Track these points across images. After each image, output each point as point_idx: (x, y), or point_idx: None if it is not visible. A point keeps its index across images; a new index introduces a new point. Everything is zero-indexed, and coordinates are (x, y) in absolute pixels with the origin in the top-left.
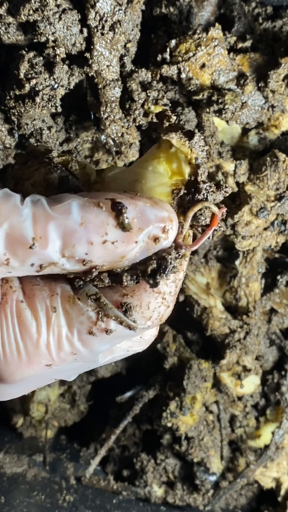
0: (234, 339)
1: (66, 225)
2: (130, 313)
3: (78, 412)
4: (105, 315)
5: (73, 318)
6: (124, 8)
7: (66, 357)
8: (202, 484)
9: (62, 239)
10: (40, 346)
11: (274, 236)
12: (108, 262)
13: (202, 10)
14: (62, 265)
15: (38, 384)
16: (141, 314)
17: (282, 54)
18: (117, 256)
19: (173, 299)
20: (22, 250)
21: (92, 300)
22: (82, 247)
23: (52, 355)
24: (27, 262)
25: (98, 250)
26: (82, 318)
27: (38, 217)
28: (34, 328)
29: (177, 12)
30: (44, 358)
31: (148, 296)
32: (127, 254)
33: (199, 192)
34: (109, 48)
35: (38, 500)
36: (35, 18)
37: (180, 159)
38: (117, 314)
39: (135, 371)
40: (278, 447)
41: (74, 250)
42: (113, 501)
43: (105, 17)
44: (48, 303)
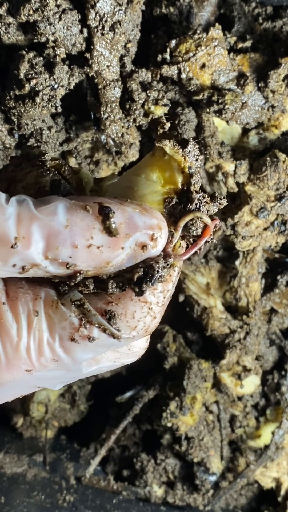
0: (234, 339)
1: (50, 226)
2: (114, 321)
3: (78, 412)
4: (88, 322)
5: (55, 323)
6: (124, 8)
7: (47, 363)
8: (202, 484)
9: (46, 241)
10: (20, 350)
11: (274, 236)
12: (93, 267)
13: (202, 10)
14: (45, 267)
15: (20, 391)
16: (125, 323)
17: (282, 54)
18: (103, 262)
19: (160, 310)
20: (4, 249)
21: (76, 306)
22: (66, 250)
23: (32, 360)
24: (8, 262)
25: (82, 254)
26: (64, 323)
27: (22, 216)
28: (15, 330)
29: (177, 12)
30: (24, 363)
31: (133, 305)
32: (112, 260)
33: (191, 202)
34: (109, 48)
35: (38, 500)
36: (35, 18)
37: (173, 167)
38: (100, 321)
39: (135, 371)
40: (278, 447)
41: (57, 252)
42: (113, 501)
43: (105, 17)
44: (31, 306)
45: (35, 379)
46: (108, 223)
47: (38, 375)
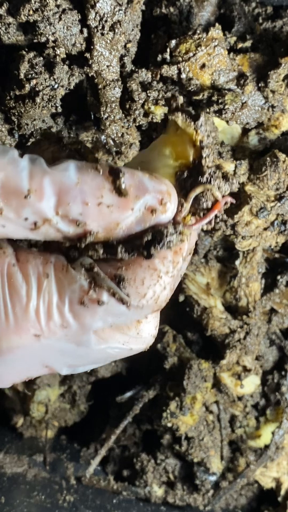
0: (234, 339)
1: (61, 182)
2: (123, 285)
3: (78, 412)
4: (97, 285)
5: (65, 285)
6: (124, 8)
7: (55, 329)
8: (202, 484)
9: (57, 196)
10: (29, 311)
11: (274, 236)
12: (103, 228)
13: (202, 10)
14: (56, 224)
15: (27, 367)
16: (135, 289)
17: (282, 54)
18: (112, 222)
19: (170, 282)
20: (17, 200)
21: (86, 269)
22: (76, 207)
23: (41, 323)
24: (21, 215)
25: (92, 212)
26: (74, 286)
27: (35, 171)
28: (24, 291)
29: (177, 12)
30: (33, 326)
31: (143, 272)
32: (122, 221)
33: (202, 174)
34: (109, 48)
35: (38, 500)
36: (35, 18)
37: (185, 141)
38: (110, 284)
39: (135, 371)
40: (278, 447)
41: (68, 208)
42: (113, 501)
43: (105, 17)
44: (41, 269)
45: (43, 350)
46: (118, 183)
47: (46, 344)
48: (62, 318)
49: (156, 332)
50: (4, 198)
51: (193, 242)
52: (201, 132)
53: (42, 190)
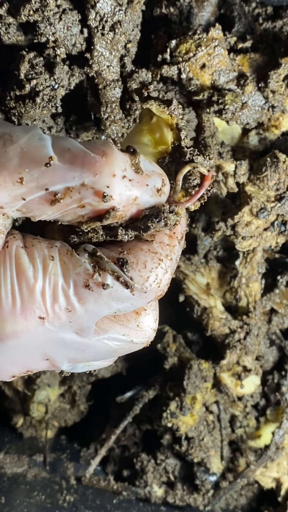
0: (234, 339)
1: (87, 153)
2: (126, 268)
3: (78, 412)
4: (101, 268)
5: (69, 269)
6: (124, 8)
7: (60, 313)
8: (202, 484)
9: (83, 166)
10: (35, 292)
11: (274, 236)
12: (123, 205)
13: (202, 10)
14: (81, 196)
15: (28, 355)
16: (138, 272)
17: (282, 54)
18: (132, 197)
19: (170, 265)
20: (38, 168)
21: (89, 254)
22: (104, 177)
23: (47, 305)
24: (42, 183)
25: (118, 184)
26: (79, 269)
27: (58, 141)
28: (31, 272)
29: (177, 13)
30: (38, 308)
31: (144, 255)
32: (139, 196)
33: (184, 155)
34: (109, 48)
35: (38, 500)
36: (35, 18)
37: (161, 127)
38: (113, 268)
39: (135, 371)
40: (278, 447)
41: (95, 180)
42: (113, 501)
43: (105, 18)
44: (46, 252)
45: (46, 338)
46: (136, 159)
47: (50, 331)
48: (67, 301)
49: (156, 326)
50: (25, 166)
51: (184, 225)
52: (176, 115)
53: (65, 158)
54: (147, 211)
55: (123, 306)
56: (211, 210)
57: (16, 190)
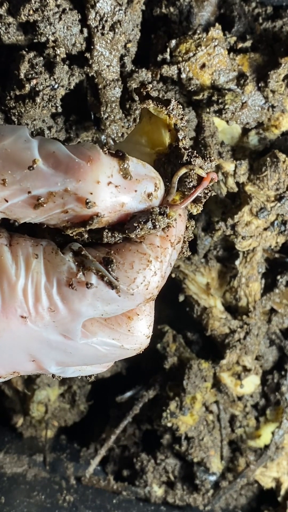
0: (234, 339)
1: (71, 158)
2: (112, 267)
3: (78, 412)
4: (85, 268)
5: (53, 267)
6: (124, 8)
7: (43, 313)
8: (202, 484)
9: (67, 172)
10: (17, 290)
11: (274, 236)
12: (108, 211)
13: (202, 10)
14: (64, 201)
15: (13, 355)
16: (124, 272)
17: (282, 54)
18: (118, 204)
19: (160, 267)
20: (21, 171)
21: (74, 253)
22: (87, 184)
23: (29, 304)
24: (25, 187)
25: (103, 191)
26: (62, 268)
27: (44, 144)
28: (13, 270)
29: (177, 12)
30: (20, 306)
31: (131, 255)
32: (127, 202)
33: (181, 156)
34: (109, 48)
35: (38, 500)
36: (35, 18)
37: (159, 127)
38: (98, 267)
39: (135, 371)
40: (278, 447)
41: (78, 186)
42: (113, 501)
43: (105, 17)
44: (30, 250)
45: (30, 338)
46: (125, 164)
47: (33, 331)
48: (50, 300)
49: (149, 332)
50: (8, 167)
51: (181, 228)
52: (174, 115)
53: (49, 162)
54: (136, 213)
55: (110, 308)
56: (211, 210)
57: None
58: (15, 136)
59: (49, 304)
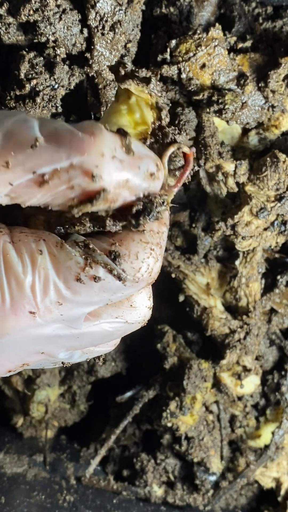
0: (234, 339)
1: (75, 132)
2: (118, 261)
3: (78, 412)
4: (93, 261)
5: (60, 262)
6: (124, 8)
7: (51, 307)
8: (202, 484)
9: (70, 145)
10: (25, 287)
11: (274, 236)
12: (113, 186)
13: (202, 10)
14: (69, 177)
15: (22, 350)
16: (130, 264)
17: (282, 54)
18: (123, 179)
19: (161, 253)
20: (24, 150)
21: (80, 246)
22: (92, 158)
23: (37, 299)
24: (28, 166)
25: (108, 164)
26: (69, 262)
27: (45, 122)
28: (20, 268)
29: (177, 12)
30: (28, 303)
31: (136, 246)
32: (131, 178)
33: (167, 135)
34: (109, 48)
35: (38, 500)
36: (35, 18)
37: (141, 107)
38: (106, 260)
39: (135, 371)
40: (278, 447)
41: (83, 159)
42: (113, 501)
43: (105, 17)
44: (34, 246)
45: (39, 332)
46: (127, 140)
47: (42, 325)
48: (58, 294)
49: (150, 303)
50: (10, 149)
51: (169, 210)
52: (155, 93)
53: (52, 139)
54: (139, 204)
55: (115, 296)
56: (211, 210)
57: (2, 175)
58: (14, 118)
59: (57, 298)
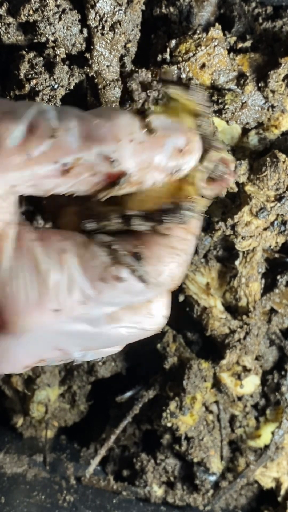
0: (234, 339)
1: (91, 120)
2: (142, 263)
3: (78, 412)
4: (118, 262)
5: (86, 261)
6: (124, 8)
7: (74, 305)
8: (202, 484)
9: (89, 133)
10: (50, 285)
11: (274, 236)
12: (136, 169)
13: (202, 10)
14: (90, 164)
15: (41, 346)
16: (153, 266)
17: (282, 54)
18: (145, 160)
19: (185, 260)
20: (44, 141)
21: (106, 246)
22: (110, 143)
23: (61, 297)
24: (49, 157)
25: (125, 148)
26: (95, 262)
27: (62, 112)
28: (46, 266)
29: (177, 12)
30: (53, 300)
31: (160, 249)
32: (155, 158)
33: (208, 141)
34: (109, 48)
35: (38, 500)
36: (35, 18)
37: (180, 112)
38: (129, 262)
39: (135, 371)
40: (278, 447)
41: (101, 146)
42: (113, 501)
43: (105, 17)
44: (61, 245)
45: (60, 329)
46: (147, 120)
47: (64, 323)
48: (82, 293)
49: (167, 313)
50: (32, 140)
51: (200, 220)
52: (197, 101)
53: (70, 128)
54: (166, 206)
55: (136, 299)
56: (211, 210)
57: (26, 166)
58: (32, 109)
59: (81, 297)
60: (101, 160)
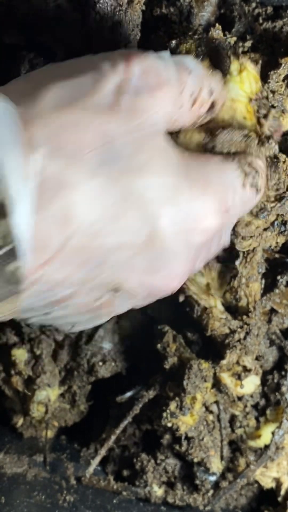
0: (234, 339)
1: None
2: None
3: (78, 412)
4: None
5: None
6: (124, 8)
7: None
8: (202, 484)
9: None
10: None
11: (274, 236)
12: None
13: (202, 10)
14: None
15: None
16: (262, 179)
17: (282, 54)
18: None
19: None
20: (171, 90)
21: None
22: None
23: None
24: (178, 103)
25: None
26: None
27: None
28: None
29: (177, 13)
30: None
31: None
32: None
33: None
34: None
35: (38, 500)
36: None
37: (249, 80)
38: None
39: (135, 371)
40: (278, 447)
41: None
42: (113, 501)
43: (105, 18)
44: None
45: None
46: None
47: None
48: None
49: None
50: (181, 77)
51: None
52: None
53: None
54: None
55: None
56: None
57: (174, 101)
58: (160, 58)
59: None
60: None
